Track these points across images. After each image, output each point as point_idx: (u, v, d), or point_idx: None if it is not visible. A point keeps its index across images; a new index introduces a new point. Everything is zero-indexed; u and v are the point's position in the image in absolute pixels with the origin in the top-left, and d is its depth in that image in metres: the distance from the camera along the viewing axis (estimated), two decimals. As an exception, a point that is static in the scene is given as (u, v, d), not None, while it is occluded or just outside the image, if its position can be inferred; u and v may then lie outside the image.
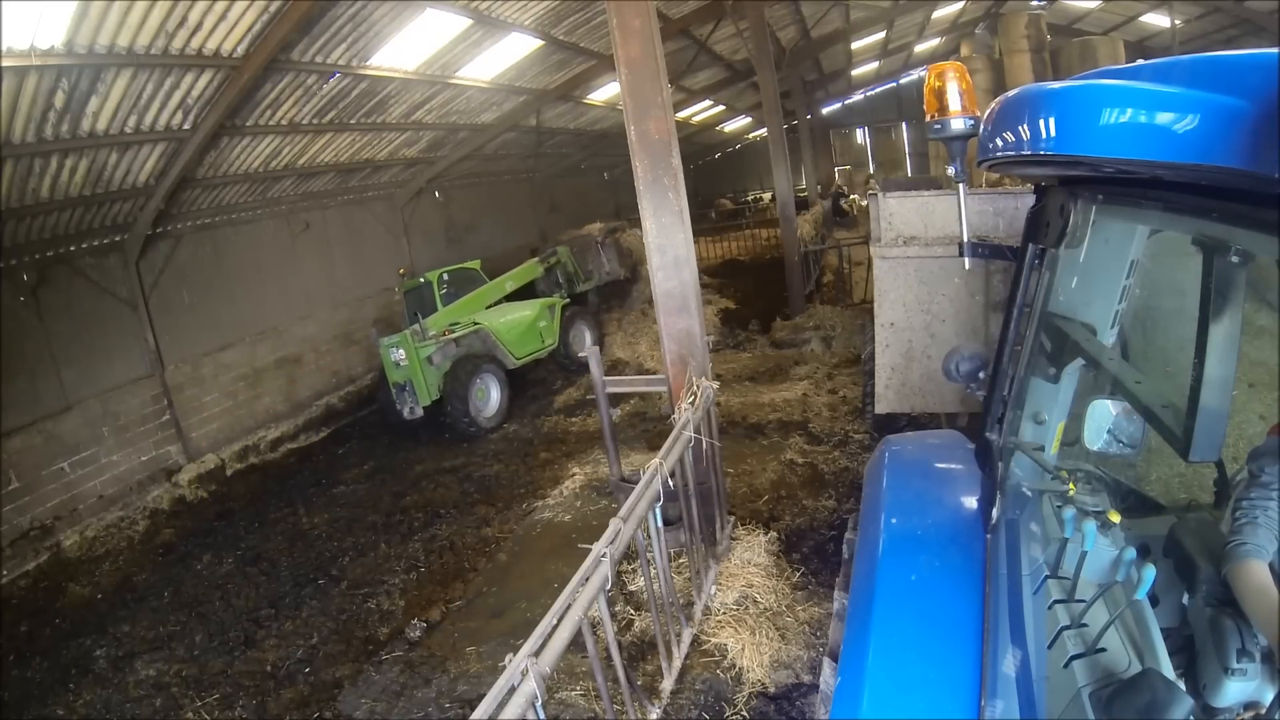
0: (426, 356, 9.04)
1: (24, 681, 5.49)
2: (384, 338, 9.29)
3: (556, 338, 10.95)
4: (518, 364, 10.12)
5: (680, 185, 4.63)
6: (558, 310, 11.13)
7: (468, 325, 9.76)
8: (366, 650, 5.09)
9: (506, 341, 10.00)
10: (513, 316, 10.45)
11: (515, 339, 10.20)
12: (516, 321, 10.38)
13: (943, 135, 1.96)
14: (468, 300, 10.50)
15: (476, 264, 11.44)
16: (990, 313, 5.72)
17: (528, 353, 10.38)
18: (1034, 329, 2.06)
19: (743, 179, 33.25)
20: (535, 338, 10.57)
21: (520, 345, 10.27)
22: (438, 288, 10.48)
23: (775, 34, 15.29)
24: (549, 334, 10.82)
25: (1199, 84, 1.14)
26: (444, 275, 10.70)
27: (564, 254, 12.50)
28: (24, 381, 7.37)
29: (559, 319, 11.06)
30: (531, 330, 10.52)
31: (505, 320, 10.26)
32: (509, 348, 10.01)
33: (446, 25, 8.00)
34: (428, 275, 10.68)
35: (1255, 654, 1.41)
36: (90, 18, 5.06)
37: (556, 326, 10.99)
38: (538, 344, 10.60)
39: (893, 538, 2.29)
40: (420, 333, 9.18)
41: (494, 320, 10.13)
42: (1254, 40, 15.15)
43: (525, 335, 10.39)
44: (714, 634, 4.19)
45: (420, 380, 9.05)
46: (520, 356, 10.18)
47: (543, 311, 10.78)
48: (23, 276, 7.33)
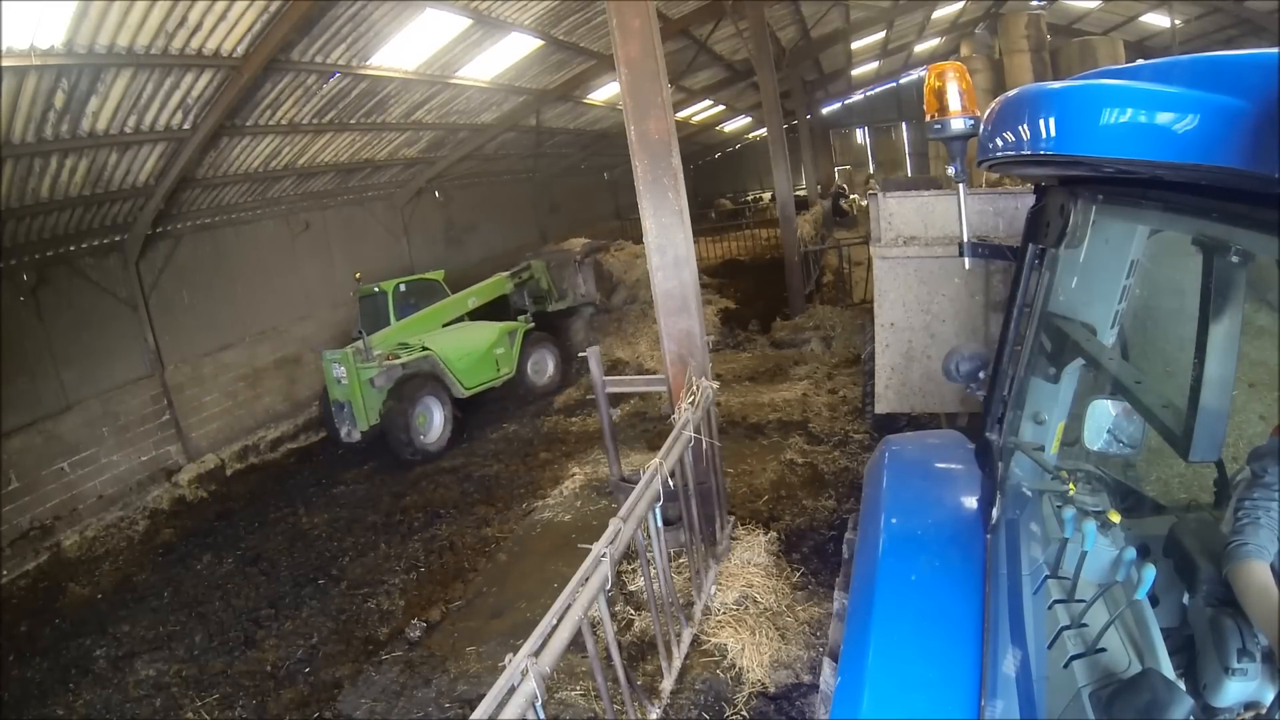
0: (369, 378, 8.44)
1: (24, 681, 5.49)
2: (327, 351, 8.80)
3: (514, 366, 10.02)
4: (467, 394, 9.30)
5: (680, 185, 4.64)
6: (519, 336, 10.18)
7: (416, 349, 8.98)
8: (366, 650, 5.08)
9: (457, 370, 9.15)
10: (467, 341, 9.55)
11: (467, 367, 9.33)
12: (470, 347, 9.49)
13: (943, 135, 1.96)
14: (423, 316, 9.73)
15: (439, 275, 10.73)
16: (990, 313, 5.72)
17: (480, 382, 9.52)
18: (1034, 329, 2.06)
19: (743, 179, 33.24)
20: (490, 366, 9.68)
21: (472, 374, 9.40)
22: (393, 299, 9.75)
23: (775, 34, 15.29)
24: (506, 362, 9.90)
25: (1199, 84, 1.14)
26: (401, 286, 10.03)
27: (538, 269, 11.76)
28: (24, 381, 7.37)
29: (519, 345, 10.14)
30: (486, 358, 9.63)
31: (458, 345, 9.38)
32: (459, 376, 9.17)
33: (446, 25, 8.01)
34: (383, 285, 9.97)
35: (1255, 654, 1.41)
36: (90, 18, 5.06)
37: (515, 354, 10.06)
38: (492, 373, 9.70)
39: (893, 538, 2.28)
40: (364, 351, 8.49)
41: (445, 345, 9.26)
42: (1254, 40, 15.15)
43: (479, 363, 9.50)
44: (714, 634, 4.19)
45: (359, 403, 8.47)
46: (471, 386, 9.33)
47: (501, 337, 9.90)
48: (23, 276, 7.33)
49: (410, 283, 10.18)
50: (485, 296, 10.66)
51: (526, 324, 10.45)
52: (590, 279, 12.03)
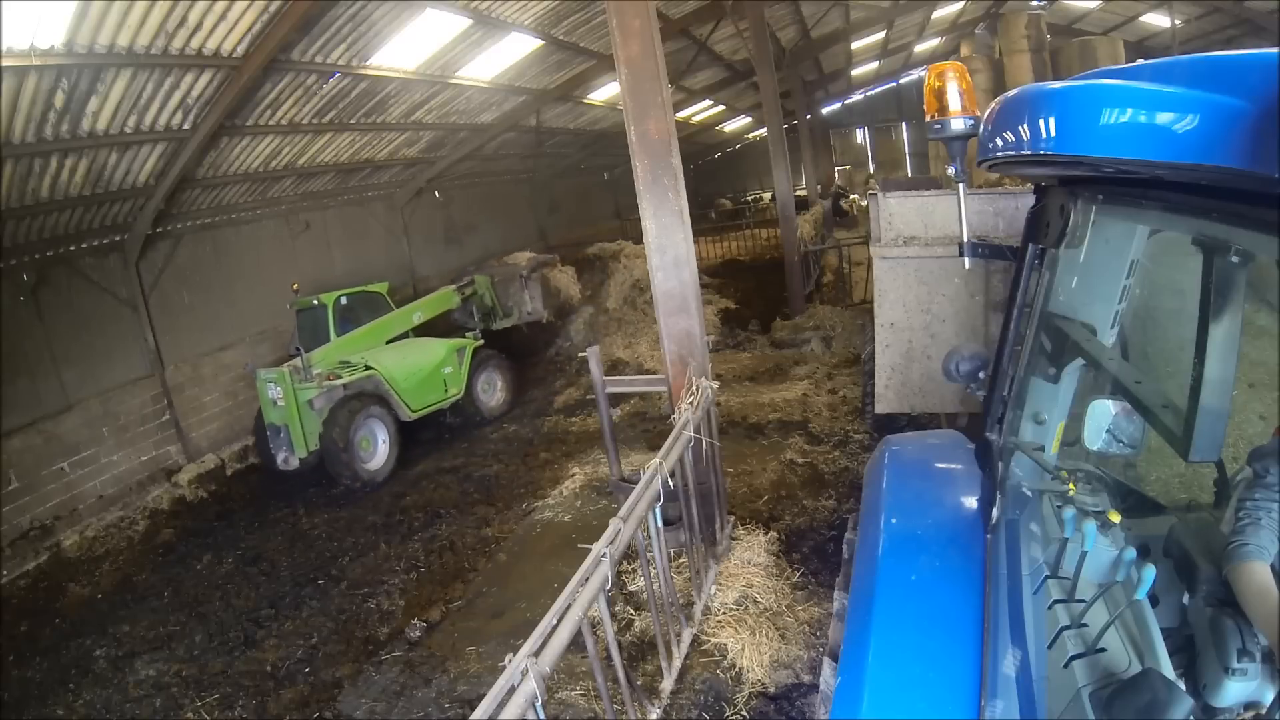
0: (308, 400, 7.80)
1: (24, 681, 5.49)
2: (261, 370, 8.11)
3: (463, 386, 9.40)
4: (414, 416, 8.76)
5: (680, 185, 4.64)
6: (467, 354, 9.54)
7: (358, 368, 8.35)
8: (366, 650, 5.08)
9: (403, 391, 8.59)
10: (413, 360, 8.94)
11: (414, 388, 8.76)
12: (417, 366, 8.90)
13: (943, 135, 1.96)
14: (366, 331, 9.07)
15: (383, 287, 9.98)
16: (990, 313, 5.72)
17: (428, 404, 8.95)
18: (1034, 329, 2.06)
19: (743, 179, 33.23)
20: (438, 386, 9.10)
21: (419, 395, 8.84)
22: (334, 313, 9.02)
23: (775, 34, 15.29)
24: (454, 382, 9.29)
25: (1199, 84, 1.14)
26: (342, 299, 9.23)
27: (482, 284, 11.07)
28: (24, 381, 7.37)
29: (468, 364, 9.49)
30: (434, 377, 9.04)
31: (404, 364, 8.78)
32: (405, 398, 8.61)
33: (446, 25, 8.01)
34: (323, 297, 9.12)
35: (1255, 654, 1.41)
36: (90, 18, 5.06)
37: (464, 373, 9.42)
38: (440, 394, 9.13)
39: (893, 538, 2.28)
40: (303, 370, 7.87)
41: (391, 364, 8.64)
42: (1254, 40, 15.15)
43: (426, 383, 8.94)
44: (714, 634, 4.19)
45: (297, 427, 7.80)
46: (418, 408, 8.78)
47: (449, 355, 9.29)
48: (23, 276, 7.34)
49: (352, 295, 9.41)
50: (431, 311, 10.05)
51: (475, 341, 9.90)
52: (537, 295, 11.32)
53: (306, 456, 7.89)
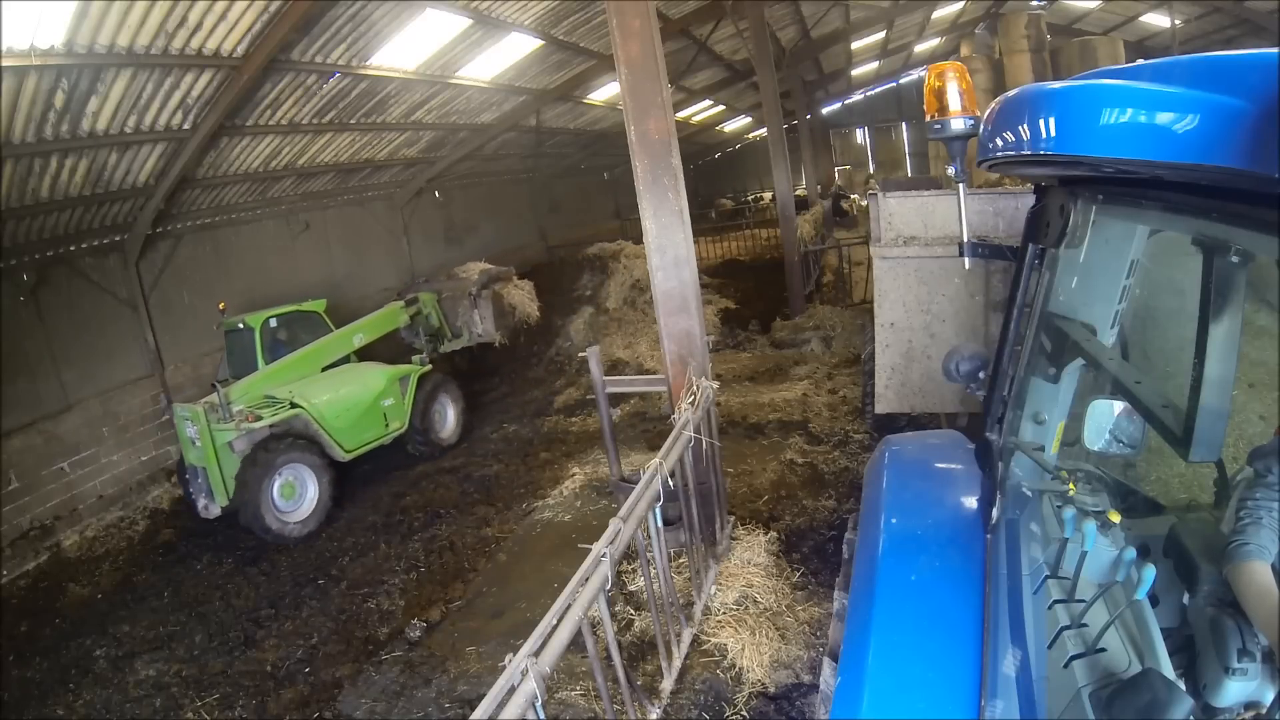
0: (227, 441, 6.93)
1: (24, 681, 5.49)
2: (178, 406, 7.23)
3: (407, 419, 8.49)
4: (349, 457, 7.81)
5: (680, 185, 4.64)
6: (412, 383, 8.58)
7: (281, 405, 7.31)
8: (366, 650, 5.08)
9: (335, 429, 7.62)
10: (348, 393, 7.92)
11: (349, 424, 7.81)
12: (352, 400, 7.91)
13: (943, 135, 1.96)
14: (298, 358, 8.03)
15: (320, 305, 8.89)
16: (990, 313, 5.72)
17: (364, 442, 8.02)
18: (1034, 329, 2.06)
19: (743, 179, 33.26)
20: (376, 421, 8.16)
21: (354, 432, 7.88)
22: (261, 337, 8.02)
23: (775, 34, 15.30)
24: (396, 415, 8.37)
25: (1199, 84, 1.14)
26: (271, 320, 8.24)
27: (428, 302, 9.91)
28: (24, 381, 7.37)
29: (413, 393, 8.55)
30: (372, 412, 8.10)
31: (336, 398, 7.78)
32: (338, 437, 7.64)
33: (446, 25, 8.01)
34: (249, 319, 8.13)
35: (1256, 654, 1.41)
36: (90, 18, 5.06)
37: (409, 404, 8.50)
38: (379, 429, 8.20)
39: (893, 538, 2.29)
40: (220, 407, 6.90)
41: (320, 398, 7.61)
42: (1254, 40, 15.16)
43: (363, 419, 7.99)
44: (714, 634, 4.19)
45: (216, 471, 6.91)
46: (352, 448, 7.85)
47: (390, 385, 8.31)
48: (23, 276, 7.34)
49: (284, 316, 8.39)
50: (375, 331, 9.03)
51: (421, 367, 8.85)
52: (489, 315, 10.05)
53: (228, 505, 6.96)
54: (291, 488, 7.11)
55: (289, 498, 7.06)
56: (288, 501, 7.05)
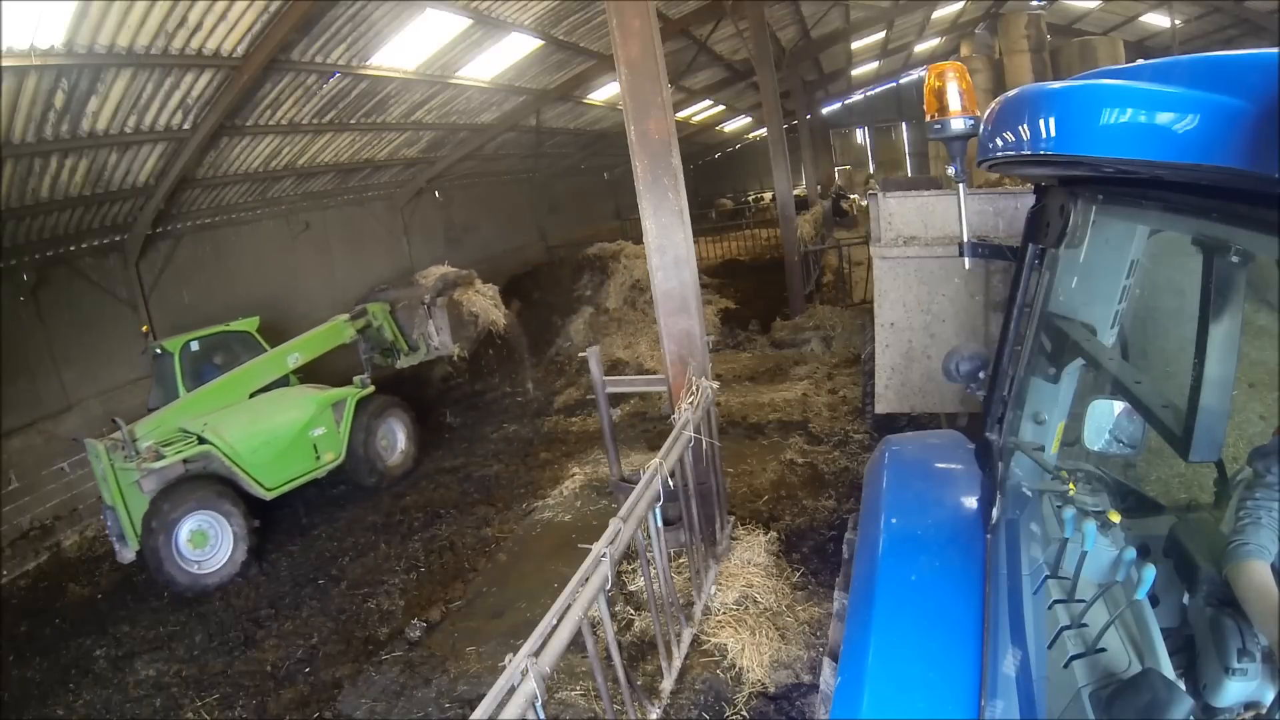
0: (134, 480, 6.27)
1: (24, 681, 5.49)
2: (89, 440, 6.48)
3: (343, 449, 7.61)
4: (271, 496, 6.99)
5: (680, 185, 4.64)
6: (349, 408, 7.71)
7: (187, 440, 6.56)
8: (366, 650, 5.09)
9: (252, 466, 6.79)
10: (267, 425, 7.05)
11: (268, 460, 6.95)
12: (272, 433, 7.03)
13: (943, 135, 1.96)
14: (222, 384, 7.16)
15: (253, 324, 8.01)
16: (990, 313, 5.72)
17: (289, 479, 7.18)
18: (1034, 329, 2.06)
19: (743, 179, 33.25)
20: (304, 455, 7.28)
21: (276, 469, 7.03)
22: (180, 364, 7.23)
23: (775, 34, 15.30)
24: (330, 445, 7.49)
25: (1199, 84, 1.14)
26: (193, 344, 7.42)
27: (378, 313, 8.87)
28: (24, 381, 7.38)
29: (349, 420, 7.68)
30: (298, 445, 7.22)
31: (253, 432, 6.89)
32: (255, 474, 6.82)
33: (446, 25, 8.01)
34: (167, 344, 7.32)
35: (1256, 654, 1.41)
36: (90, 18, 5.06)
37: (345, 432, 7.62)
38: (309, 463, 7.32)
39: (893, 538, 2.29)
40: (125, 444, 6.22)
41: (233, 433, 6.75)
42: (1254, 40, 15.16)
43: (287, 454, 7.13)
44: (714, 634, 4.19)
45: (124, 513, 6.29)
46: (275, 486, 7.01)
47: (320, 414, 7.43)
48: (23, 276, 7.34)
49: (208, 339, 7.58)
50: (314, 350, 8.01)
51: (360, 390, 7.94)
52: (444, 325, 9.04)
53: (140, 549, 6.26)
54: (203, 535, 6.33)
55: (199, 546, 6.30)
56: (197, 550, 6.29)
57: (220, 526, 6.43)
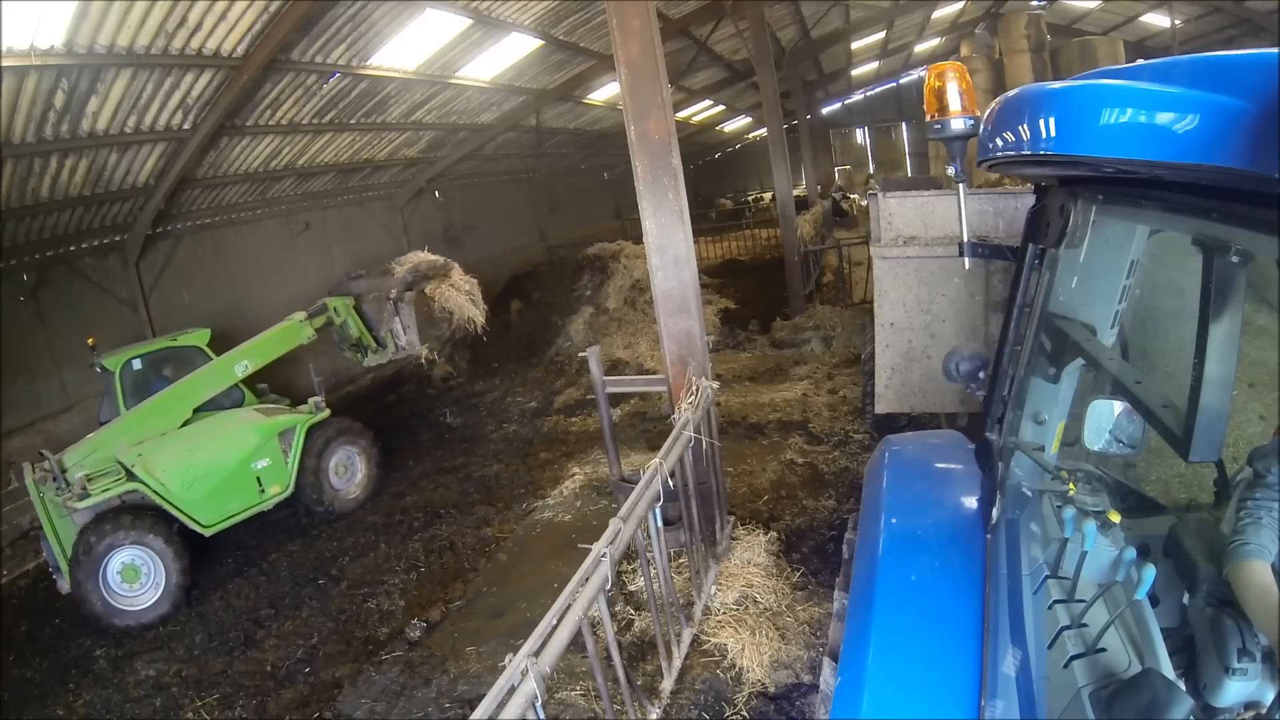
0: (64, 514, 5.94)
1: (24, 681, 5.49)
2: (26, 466, 6.16)
3: (291, 481, 7.03)
4: (211, 531, 6.49)
5: (680, 185, 4.64)
6: (299, 436, 7.07)
7: (116, 477, 6.06)
8: (366, 650, 5.09)
9: (186, 501, 6.26)
10: (206, 456, 6.46)
11: (205, 495, 6.39)
12: (210, 464, 6.44)
13: (943, 135, 1.96)
14: (160, 401, 6.61)
15: (203, 338, 7.38)
16: (990, 313, 5.72)
17: (229, 515, 6.61)
18: (1034, 329, 2.06)
19: (743, 179, 33.27)
20: (246, 488, 6.71)
21: (214, 505, 6.47)
22: (121, 383, 6.78)
23: (775, 34, 15.30)
24: (276, 477, 6.91)
25: (1199, 84, 1.14)
26: (134, 362, 6.90)
27: (340, 308, 8.06)
28: (24, 381, 7.37)
29: (299, 449, 7.05)
30: (238, 478, 6.63)
31: (189, 463, 6.33)
32: (191, 510, 6.30)
33: (446, 25, 8.01)
34: (107, 362, 6.83)
35: (1256, 654, 1.41)
36: (90, 18, 5.07)
37: (294, 462, 7.02)
38: (251, 497, 6.76)
39: (893, 538, 2.29)
40: (54, 475, 5.89)
41: (165, 464, 6.21)
42: (1254, 40, 15.16)
43: (226, 487, 6.55)
44: (714, 634, 4.19)
45: (57, 545, 5.97)
46: (212, 523, 6.47)
47: (265, 443, 6.83)
48: (23, 276, 7.34)
49: (152, 355, 7.05)
50: (265, 355, 7.36)
51: (313, 415, 7.26)
52: (412, 324, 8.18)
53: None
54: (134, 570, 5.93)
55: (131, 581, 5.91)
56: (130, 586, 5.91)
57: (153, 561, 6.00)
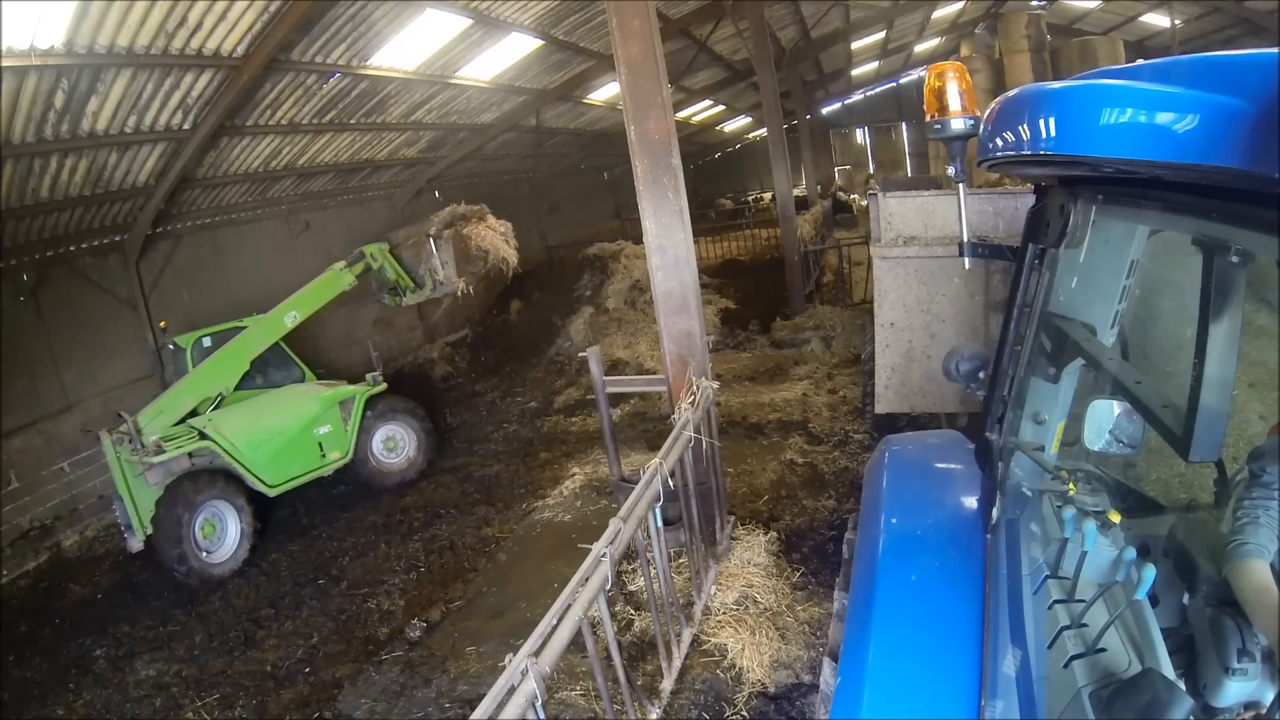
0: (140, 473, 6.48)
1: (24, 681, 5.49)
2: (103, 433, 6.74)
3: (350, 448, 7.56)
4: (276, 492, 7.09)
5: (680, 185, 4.64)
6: (358, 406, 7.63)
7: (189, 435, 6.67)
8: (366, 650, 5.09)
9: (252, 463, 6.86)
10: (270, 421, 7.07)
11: (270, 457, 6.98)
12: (275, 429, 7.05)
13: (943, 135, 1.96)
14: (220, 356, 7.19)
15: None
16: (990, 313, 5.72)
17: (292, 476, 7.22)
18: (1034, 329, 2.06)
19: (743, 179, 33.24)
20: (308, 452, 7.26)
21: (278, 466, 7.07)
22: (192, 359, 7.41)
23: (775, 34, 15.30)
24: (336, 443, 7.44)
25: (1199, 84, 1.14)
26: (204, 340, 7.56)
27: (377, 254, 8.47)
28: (24, 381, 7.37)
29: (358, 418, 7.62)
30: (301, 442, 7.20)
31: (255, 428, 6.95)
32: (257, 471, 6.90)
33: (446, 25, 8.01)
34: (180, 340, 7.56)
35: (1255, 654, 1.41)
36: (90, 18, 5.06)
37: (353, 431, 7.58)
38: (313, 460, 7.32)
39: (893, 538, 2.29)
40: (132, 437, 6.42)
41: (234, 427, 6.85)
42: (1254, 40, 15.15)
43: (289, 450, 7.13)
44: (714, 634, 4.19)
45: (131, 503, 6.51)
46: (277, 483, 7.08)
47: (327, 411, 7.40)
48: (23, 276, 7.34)
49: (218, 334, 7.61)
50: (311, 306, 7.79)
51: (372, 387, 7.84)
52: (449, 259, 8.48)
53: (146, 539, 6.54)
54: (212, 525, 6.58)
55: (210, 536, 6.55)
56: (208, 540, 6.54)
57: (228, 517, 6.68)
